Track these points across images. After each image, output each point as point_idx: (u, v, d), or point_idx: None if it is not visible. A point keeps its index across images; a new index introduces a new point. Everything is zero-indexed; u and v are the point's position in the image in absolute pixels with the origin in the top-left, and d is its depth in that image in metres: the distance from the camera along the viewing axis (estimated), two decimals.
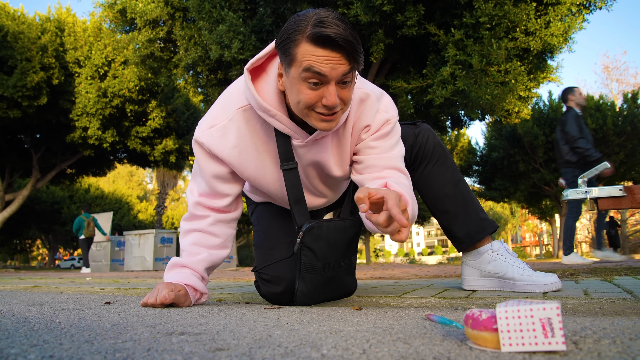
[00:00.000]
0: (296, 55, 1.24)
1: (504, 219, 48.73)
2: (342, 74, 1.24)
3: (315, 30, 1.19)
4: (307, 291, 1.49)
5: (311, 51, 1.21)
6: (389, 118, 1.49)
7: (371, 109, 1.48)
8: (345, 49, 1.21)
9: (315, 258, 1.46)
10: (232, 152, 1.48)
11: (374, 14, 6.02)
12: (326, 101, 1.26)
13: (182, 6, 7.83)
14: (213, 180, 1.55)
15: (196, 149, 1.53)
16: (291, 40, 1.24)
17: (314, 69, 1.22)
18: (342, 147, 1.52)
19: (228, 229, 1.66)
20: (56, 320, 1.19)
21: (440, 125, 10.16)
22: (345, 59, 1.23)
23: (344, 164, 1.55)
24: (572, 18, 6.67)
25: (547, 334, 0.69)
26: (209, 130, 1.49)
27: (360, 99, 1.47)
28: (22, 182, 23.61)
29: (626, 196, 2.14)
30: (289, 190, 1.50)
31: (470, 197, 1.85)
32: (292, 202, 1.50)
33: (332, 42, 1.19)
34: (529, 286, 1.75)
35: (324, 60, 1.21)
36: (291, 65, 1.26)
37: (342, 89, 1.28)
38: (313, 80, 1.24)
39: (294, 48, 1.23)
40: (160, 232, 14.22)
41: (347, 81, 1.28)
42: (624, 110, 18.19)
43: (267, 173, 1.54)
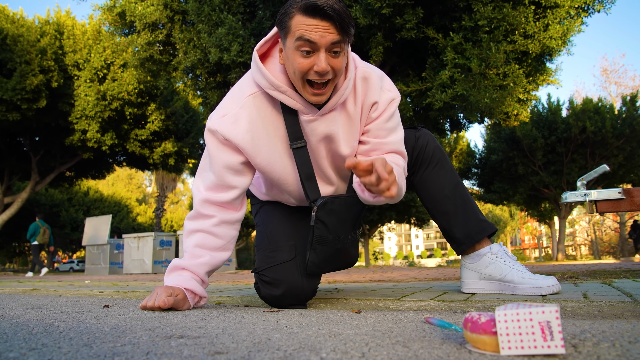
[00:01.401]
0: (290, 27, 1.35)
1: (503, 222, 48.74)
2: (331, 41, 1.33)
3: (306, 1, 1.31)
4: (317, 261, 1.60)
5: (302, 21, 1.32)
6: (393, 97, 1.58)
7: (376, 85, 1.55)
8: (333, 18, 1.31)
9: (327, 231, 1.57)
10: (245, 137, 1.52)
11: (373, 16, 6.03)
12: (317, 67, 1.34)
13: (182, 9, 7.84)
14: (224, 170, 1.57)
15: (209, 138, 1.56)
16: (287, 14, 1.36)
17: (304, 37, 1.32)
18: (352, 124, 1.58)
19: (232, 230, 1.67)
20: (55, 324, 1.19)
21: (439, 128, 10.17)
22: (334, 27, 1.32)
23: (353, 141, 1.60)
24: (571, 21, 6.68)
25: (546, 338, 0.69)
26: (222, 118, 1.53)
27: (364, 77, 1.54)
28: (21, 185, 23.59)
29: (625, 199, 2.14)
30: (299, 167, 1.57)
31: (468, 199, 1.86)
32: (303, 179, 1.58)
33: (320, 11, 1.30)
34: (528, 289, 1.75)
35: (313, 28, 1.31)
36: (287, 36, 1.37)
37: (333, 57, 1.36)
38: (305, 49, 1.33)
39: (289, 20, 1.35)
40: (159, 235, 14.20)
41: (338, 51, 1.36)
42: (622, 113, 18.23)
43: (278, 158, 1.58)
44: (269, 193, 1.85)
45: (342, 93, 1.48)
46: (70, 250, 40.05)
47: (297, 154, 1.55)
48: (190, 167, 21.97)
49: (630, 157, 17.94)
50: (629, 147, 17.64)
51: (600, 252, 36.74)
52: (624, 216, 28.17)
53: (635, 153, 17.79)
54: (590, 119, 17.46)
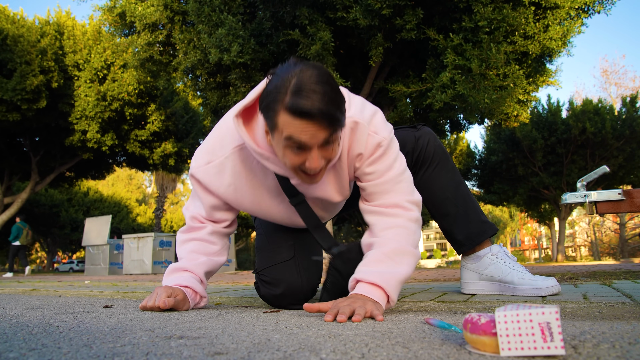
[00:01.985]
0: (277, 124, 1.25)
1: (503, 223, 48.71)
2: (322, 140, 1.25)
3: (292, 102, 1.20)
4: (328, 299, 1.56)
5: (290, 122, 1.22)
6: (379, 141, 1.46)
7: (362, 136, 1.45)
8: (321, 121, 1.22)
9: (341, 277, 1.55)
10: (227, 190, 1.54)
11: (373, 17, 6.03)
12: (309, 164, 1.28)
13: (182, 10, 7.84)
14: (210, 209, 1.61)
15: (193, 182, 1.60)
16: (271, 109, 1.25)
17: (294, 139, 1.24)
18: (340, 178, 1.53)
19: (224, 239, 1.72)
20: (55, 324, 1.19)
21: (439, 129, 10.17)
22: (324, 127, 1.23)
23: (343, 190, 1.59)
24: (571, 22, 6.68)
25: (546, 339, 0.69)
26: (206, 166, 1.53)
27: (351, 128, 1.45)
28: (21, 185, 23.57)
29: (625, 200, 2.14)
30: (306, 221, 1.58)
31: (470, 200, 1.85)
32: (312, 229, 1.58)
33: (308, 114, 1.20)
34: (528, 290, 1.75)
35: (301, 131, 1.23)
36: (274, 131, 1.28)
37: (325, 149, 1.30)
38: (295, 148, 1.27)
39: (275, 117, 1.25)
40: (159, 236, 14.19)
41: (330, 142, 1.28)
42: (622, 114, 18.22)
43: (263, 206, 1.59)
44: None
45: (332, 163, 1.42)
46: (70, 251, 40.04)
47: (300, 209, 1.56)
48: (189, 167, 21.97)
49: (630, 158, 17.93)
50: (629, 148, 17.63)
51: (600, 253, 36.72)
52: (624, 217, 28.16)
53: (635, 154, 17.77)
54: (590, 120, 17.45)
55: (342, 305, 1.23)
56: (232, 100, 7.80)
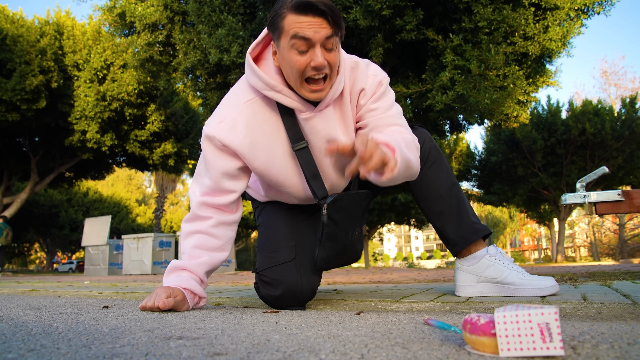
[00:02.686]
0: (283, 27, 1.36)
1: (502, 223, 48.69)
2: (325, 36, 1.35)
3: (296, 1, 1.33)
4: (326, 257, 1.61)
5: (295, 19, 1.34)
6: (381, 79, 1.61)
7: (362, 73, 1.59)
8: (326, 13, 1.34)
9: (337, 228, 1.58)
10: (243, 142, 1.54)
11: (373, 18, 6.04)
12: (314, 62, 1.36)
13: (182, 10, 7.85)
14: (220, 176, 1.59)
15: (206, 144, 1.58)
16: (278, 15, 1.38)
17: (299, 34, 1.34)
18: (345, 115, 1.59)
19: (229, 231, 1.69)
20: (54, 325, 1.19)
21: (439, 129, 10.18)
22: (327, 22, 1.35)
23: (349, 131, 1.63)
24: (571, 23, 6.69)
25: (545, 339, 0.69)
26: (219, 124, 1.55)
27: (351, 67, 1.58)
28: (21, 186, 23.59)
29: (624, 201, 2.14)
30: (304, 167, 1.58)
31: (463, 200, 1.85)
32: (309, 178, 1.59)
33: (312, 7, 1.32)
34: (530, 290, 1.74)
35: (307, 25, 1.33)
36: (280, 37, 1.38)
37: (328, 52, 1.39)
38: (300, 47, 1.36)
39: (281, 21, 1.37)
40: (159, 236, 14.18)
41: (331, 47, 1.39)
42: (622, 115, 18.24)
43: (277, 161, 1.59)
44: (268, 194, 1.86)
45: (336, 88, 1.50)
46: (70, 251, 40.04)
47: (300, 154, 1.57)
48: (190, 168, 21.95)
49: (629, 159, 17.94)
50: (629, 149, 17.65)
51: (599, 254, 36.73)
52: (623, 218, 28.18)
53: (634, 155, 17.79)
54: (590, 121, 17.47)
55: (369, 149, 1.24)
56: None
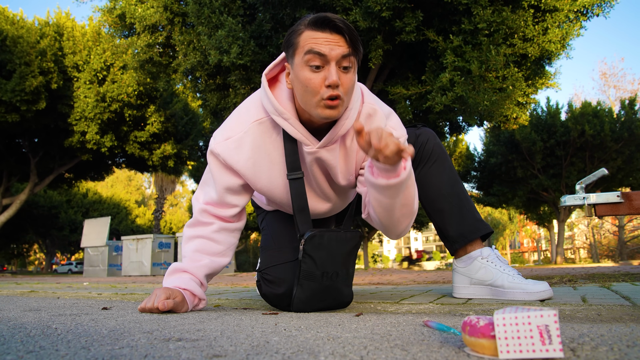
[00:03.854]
0: (299, 42, 1.35)
1: (502, 225, 48.67)
2: (341, 55, 1.33)
3: (315, 17, 1.33)
4: (304, 298, 1.52)
5: (311, 35, 1.33)
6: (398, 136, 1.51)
7: (379, 124, 1.51)
8: (343, 31, 1.32)
9: (314, 266, 1.49)
10: (246, 164, 1.53)
11: (373, 19, 6.04)
12: (328, 80, 1.33)
13: (181, 11, 7.85)
14: (224, 191, 1.60)
15: (211, 159, 1.58)
16: (294, 32, 1.37)
17: (314, 50, 1.32)
18: (348, 158, 1.57)
19: (231, 237, 1.69)
20: (53, 326, 1.18)
21: (438, 131, 10.17)
22: (344, 41, 1.33)
23: (349, 174, 1.60)
24: (570, 25, 6.70)
25: (544, 341, 0.69)
26: (225, 142, 1.54)
27: (368, 113, 1.52)
28: (20, 187, 23.55)
29: (624, 202, 2.14)
30: (293, 198, 1.55)
31: (466, 198, 1.85)
32: (295, 210, 1.55)
33: (330, 24, 1.31)
34: (518, 294, 1.72)
35: (323, 41, 1.32)
36: (295, 53, 1.37)
37: (343, 73, 1.36)
38: (315, 63, 1.33)
39: (297, 37, 1.36)
40: (158, 237, 14.18)
41: (348, 66, 1.35)
42: (621, 117, 18.25)
43: (278, 184, 1.59)
44: (270, 205, 1.89)
45: (342, 124, 1.46)
46: (69, 252, 40.00)
47: (293, 185, 1.54)
48: (189, 169, 21.97)
49: (629, 161, 17.95)
50: (628, 150, 17.65)
51: (599, 256, 36.72)
52: (623, 220, 28.17)
53: (634, 157, 17.79)
54: (589, 123, 17.48)
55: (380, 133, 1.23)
56: (231, 102, 7.80)
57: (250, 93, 7.62)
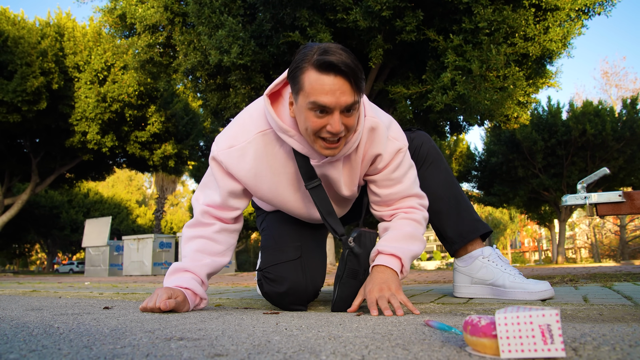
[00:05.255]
0: (303, 84, 1.33)
1: (502, 224, 48.60)
2: (344, 105, 1.32)
3: (319, 57, 1.29)
4: (345, 296, 1.58)
5: (316, 78, 1.31)
6: (400, 147, 1.59)
7: (382, 137, 1.55)
8: (347, 75, 1.30)
9: (358, 264, 1.59)
10: (248, 174, 1.55)
11: (373, 19, 6.04)
12: (330, 128, 1.34)
13: (182, 11, 7.85)
14: (226, 194, 1.61)
15: (213, 164, 1.59)
16: (299, 68, 1.34)
17: (318, 102, 1.31)
18: (352, 171, 1.59)
19: (231, 238, 1.71)
20: (55, 325, 1.19)
21: (439, 130, 10.18)
22: (349, 85, 1.31)
23: (352, 185, 1.63)
24: (571, 24, 6.69)
25: (546, 341, 0.69)
26: (228, 150, 1.54)
27: (371, 127, 1.53)
28: (21, 187, 23.58)
29: (625, 202, 2.13)
30: (318, 205, 1.58)
31: (463, 199, 1.85)
32: (325, 215, 1.59)
33: (334, 68, 1.29)
34: (519, 294, 1.72)
35: (327, 89, 1.30)
36: (299, 93, 1.36)
37: (347, 116, 1.36)
38: (318, 110, 1.33)
39: (301, 76, 1.33)
40: (159, 237, 14.19)
41: (352, 109, 1.36)
42: (623, 116, 18.23)
43: (280, 193, 1.62)
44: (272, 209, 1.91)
45: (350, 146, 1.48)
46: (70, 252, 40.04)
47: (314, 193, 1.57)
48: (190, 169, 21.97)
49: (630, 160, 17.93)
50: (630, 150, 17.63)
51: (600, 255, 36.67)
52: (624, 219, 28.13)
53: (635, 156, 17.77)
54: (591, 122, 17.45)
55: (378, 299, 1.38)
56: (232, 101, 7.80)
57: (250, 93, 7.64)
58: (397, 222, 1.62)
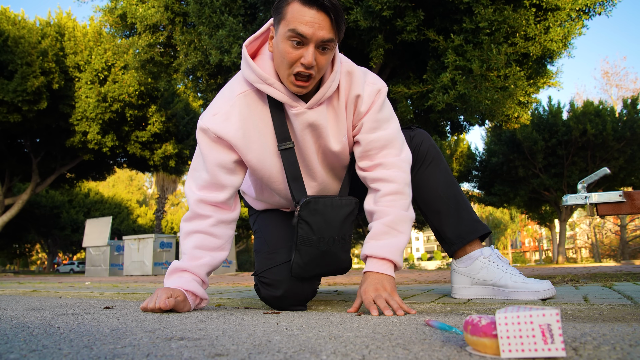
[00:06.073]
0: (286, 14, 1.38)
1: (503, 224, 48.59)
2: (322, 39, 1.37)
3: None
4: (302, 263, 1.56)
5: (298, 10, 1.36)
6: (379, 88, 1.60)
7: (359, 79, 1.58)
8: (329, 11, 1.35)
9: (311, 231, 1.54)
10: (237, 134, 1.54)
11: (374, 19, 6.04)
12: (303, 60, 1.38)
13: (182, 11, 7.85)
14: (216, 169, 1.58)
15: (200, 136, 1.58)
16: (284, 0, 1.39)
17: (297, 30, 1.35)
18: (338, 119, 1.59)
19: (228, 230, 1.69)
20: (55, 325, 1.19)
21: (439, 130, 10.17)
22: (329, 22, 1.37)
23: (341, 136, 1.61)
24: (572, 23, 6.69)
25: (546, 340, 0.69)
26: (213, 117, 1.56)
27: (347, 71, 1.57)
28: (22, 187, 23.61)
29: (626, 202, 2.13)
30: (286, 168, 1.58)
31: (462, 199, 1.84)
32: (289, 180, 1.58)
33: (317, 2, 1.34)
34: (523, 293, 1.71)
35: (308, 20, 1.35)
36: (280, 22, 1.40)
37: (321, 54, 1.41)
38: (296, 40, 1.37)
39: (285, 7, 1.38)
40: (160, 237, 14.19)
41: (327, 48, 1.40)
42: (623, 116, 18.22)
43: (268, 155, 1.59)
44: (260, 197, 1.86)
45: (328, 85, 1.51)
46: (71, 252, 40.06)
47: (285, 155, 1.57)
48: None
49: (631, 160, 17.93)
50: (630, 150, 17.63)
51: (600, 255, 36.66)
52: (625, 219, 28.12)
53: (636, 156, 17.77)
54: (591, 122, 17.45)
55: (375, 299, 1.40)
56: None
57: None
58: (382, 202, 1.58)
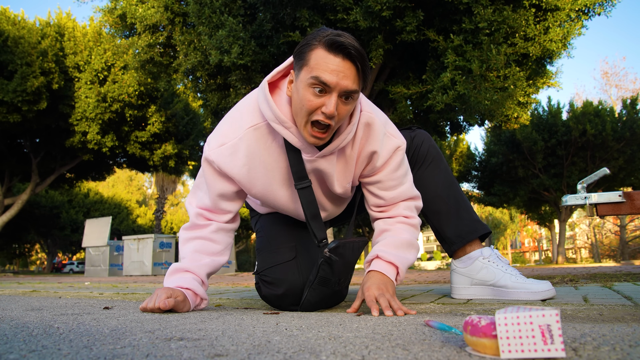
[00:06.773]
0: (309, 60, 1.31)
1: (503, 225, 48.56)
2: (345, 88, 1.30)
3: (331, 37, 1.29)
4: (314, 301, 1.59)
5: (323, 57, 1.29)
6: (399, 144, 1.57)
7: (378, 133, 1.52)
8: (356, 60, 1.29)
9: (331, 273, 1.56)
10: (241, 171, 1.52)
11: (374, 19, 6.04)
12: (325, 109, 1.31)
13: (182, 11, 7.85)
14: (217, 197, 1.60)
15: (205, 166, 1.57)
16: (308, 45, 1.33)
17: (320, 78, 1.28)
18: (347, 167, 1.57)
19: (228, 237, 1.70)
20: (55, 326, 1.19)
21: (439, 130, 10.17)
22: (354, 72, 1.30)
23: (345, 183, 1.60)
24: (571, 24, 6.69)
25: (546, 341, 0.69)
26: (219, 148, 1.51)
27: (367, 122, 1.51)
28: (22, 187, 23.59)
29: (625, 202, 2.13)
30: (305, 207, 1.55)
31: (462, 199, 1.85)
32: (309, 218, 1.55)
33: (344, 50, 1.27)
34: (522, 294, 1.72)
35: (332, 69, 1.28)
36: (302, 68, 1.33)
37: (343, 104, 1.34)
38: (318, 87, 1.30)
39: (309, 52, 1.32)
40: (159, 237, 14.19)
41: (350, 98, 1.33)
42: (623, 116, 18.22)
43: (274, 190, 1.58)
44: (265, 207, 1.89)
45: (343, 138, 1.46)
46: (70, 252, 40.04)
47: (303, 193, 1.54)
48: (190, 169, 21.96)
49: (630, 160, 17.92)
50: (630, 150, 17.62)
51: (600, 256, 36.65)
52: (624, 219, 28.12)
53: (635, 156, 17.77)
54: (591, 122, 17.45)
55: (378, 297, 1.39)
56: (232, 101, 7.80)
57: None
58: (396, 227, 1.62)
